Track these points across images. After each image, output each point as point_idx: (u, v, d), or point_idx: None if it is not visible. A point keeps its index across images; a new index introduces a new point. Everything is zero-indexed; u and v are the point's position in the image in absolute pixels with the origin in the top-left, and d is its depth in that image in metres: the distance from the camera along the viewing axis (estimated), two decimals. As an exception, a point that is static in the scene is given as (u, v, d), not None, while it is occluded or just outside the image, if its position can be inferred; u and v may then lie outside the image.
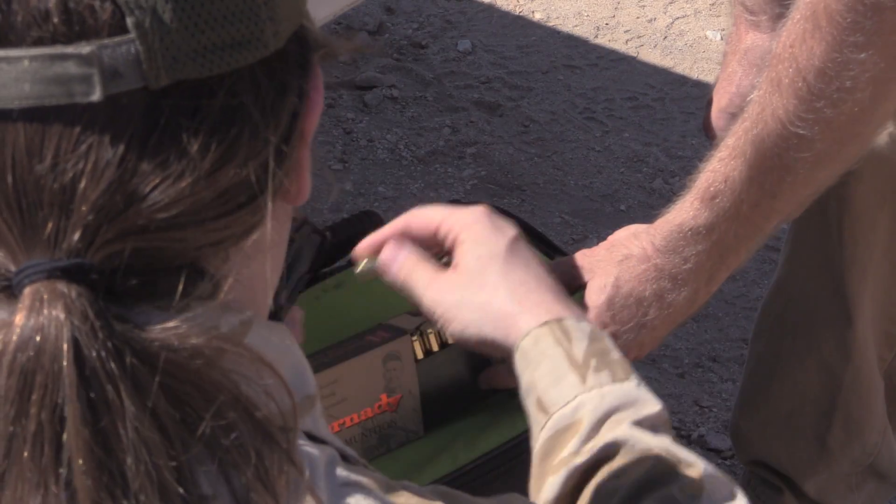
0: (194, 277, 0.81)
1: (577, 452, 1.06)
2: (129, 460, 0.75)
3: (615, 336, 1.38)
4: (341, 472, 0.86)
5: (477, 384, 1.43)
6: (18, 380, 0.76)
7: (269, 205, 0.83)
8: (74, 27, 0.77)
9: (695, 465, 1.03)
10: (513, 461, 1.38)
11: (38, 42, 0.77)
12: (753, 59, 1.60)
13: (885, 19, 1.21)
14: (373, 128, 3.04)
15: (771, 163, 1.31)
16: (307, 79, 0.86)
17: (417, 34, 3.30)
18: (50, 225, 0.77)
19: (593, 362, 1.07)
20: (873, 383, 1.93)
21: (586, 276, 1.41)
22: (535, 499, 1.07)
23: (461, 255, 1.20)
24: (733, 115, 1.42)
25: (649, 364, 2.55)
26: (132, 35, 0.78)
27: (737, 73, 1.62)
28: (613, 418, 1.06)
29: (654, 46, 3.31)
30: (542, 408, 1.08)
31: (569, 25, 3.37)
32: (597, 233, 2.78)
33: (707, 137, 1.69)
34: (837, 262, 1.81)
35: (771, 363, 1.96)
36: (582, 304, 1.39)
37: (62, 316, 0.76)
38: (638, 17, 3.39)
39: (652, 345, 1.43)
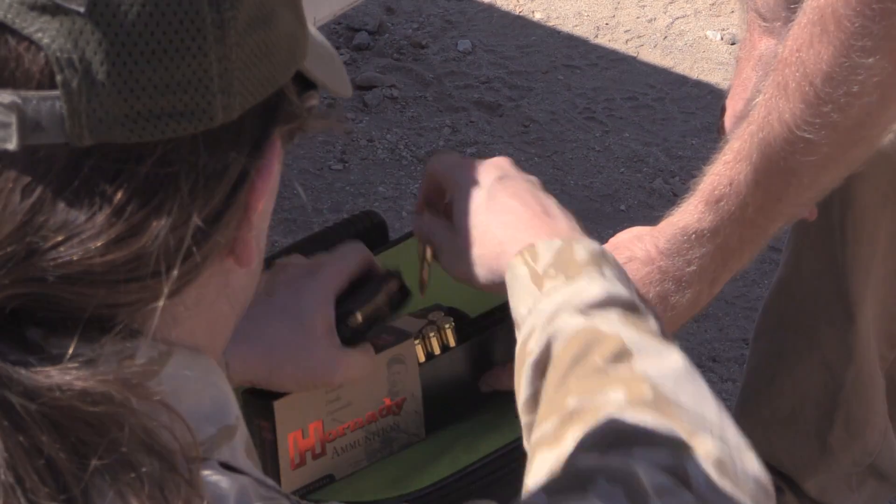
0: (99, 327, 0.79)
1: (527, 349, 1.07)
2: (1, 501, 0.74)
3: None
4: (255, 501, 0.84)
5: (478, 387, 1.43)
6: None
7: (165, 287, 0.80)
8: (1, 74, 0.76)
9: (611, 336, 1.03)
10: (513, 463, 1.38)
11: None
12: (768, 64, 1.59)
13: (894, 24, 1.21)
14: (373, 128, 3.04)
15: (777, 166, 1.31)
16: (258, 155, 0.83)
17: (417, 34, 3.30)
18: None
19: (551, 271, 1.08)
20: (875, 383, 1.93)
21: (588, 278, 1.40)
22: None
23: (454, 215, 1.20)
24: None
25: (649, 364, 2.54)
26: (58, 92, 0.76)
27: (751, 79, 1.61)
28: (557, 315, 1.07)
29: (654, 46, 3.31)
30: (517, 324, 1.10)
31: (569, 25, 3.36)
32: (597, 233, 2.76)
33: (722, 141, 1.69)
34: (840, 261, 1.81)
35: (772, 362, 1.96)
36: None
37: None
38: (638, 17, 3.39)
39: (653, 345, 1.42)
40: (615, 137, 3.05)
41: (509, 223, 1.17)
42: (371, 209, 1.70)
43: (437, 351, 1.38)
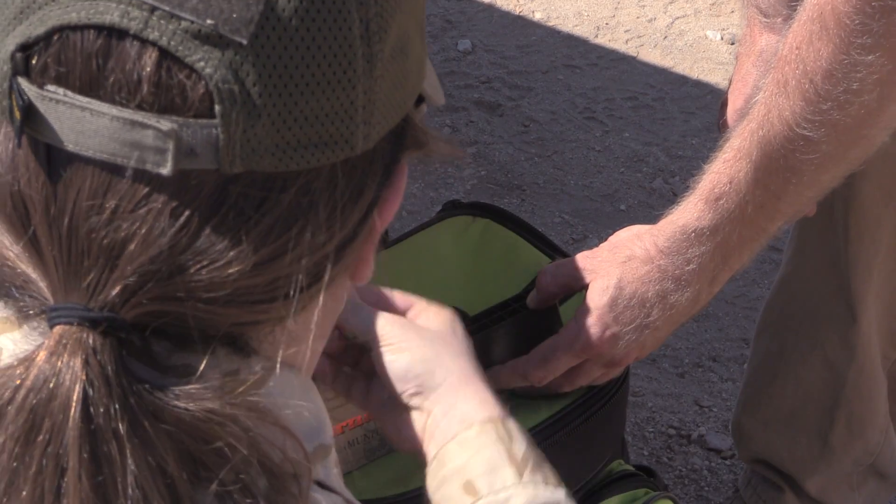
0: (228, 345, 0.81)
1: None
2: None
3: (617, 337, 1.39)
4: None
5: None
6: (27, 419, 0.76)
7: (293, 308, 0.82)
8: (161, 100, 0.77)
9: None
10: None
11: (123, 104, 0.77)
12: (768, 60, 1.59)
13: (894, 21, 1.21)
14: (372, 128, 3.04)
15: (777, 164, 1.31)
16: (388, 181, 0.85)
17: (417, 34, 3.30)
18: (92, 275, 0.78)
19: (530, 463, 1.05)
20: (877, 381, 1.93)
21: (588, 278, 1.40)
22: None
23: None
24: None
25: (649, 364, 2.55)
26: (216, 121, 0.77)
27: (751, 75, 1.61)
28: None
29: (654, 46, 3.31)
30: (471, 490, 1.05)
31: (569, 25, 3.36)
32: (597, 233, 2.78)
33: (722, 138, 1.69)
34: (842, 259, 1.81)
35: (774, 360, 1.96)
36: (584, 306, 1.39)
37: (78, 368, 0.76)
38: (638, 17, 3.39)
39: (653, 345, 1.43)
40: (615, 137, 3.05)
41: (469, 372, 1.10)
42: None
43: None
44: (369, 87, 0.81)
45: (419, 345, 1.10)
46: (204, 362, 0.79)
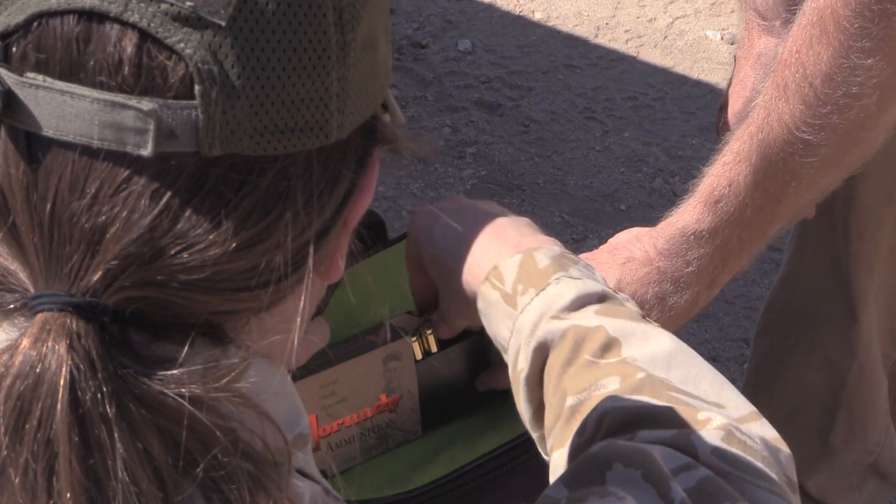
0: (204, 334, 0.81)
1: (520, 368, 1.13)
2: (119, 500, 0.76)
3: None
4: None
5: (475, 385, 1.43)
6: (15, 406, 0.77)
7: (305, 290, 0.83)
8: (142, 81, 0.77)
9: (595, 330, 1.09)
10: (512, 462, 1.38)
11: (104, 86, 0.77)
12: (766, 63, 1.60)
13: (893, 25, 1.21)
14: (372, 127, 3.03)
15: (776, 168, 1.31)
16: (362, 172, 0.86)
17: (417, 34, 3.30)
18: (74, 260, 0.78)
19: (520, 287, 1.13)
20: (877, 381, 1.93)
21: (588, 279, 1.40)
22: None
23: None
24: None
25: (650, 364, 2.54)
26: (196, 102, 0.78)
27: (750, 77, 1.61)
28: (538, 326, 1.12)
29: (654, 46, 3.31)
30: (503, 349, 1.14)
31: (569, 25, 3.36)
32: (597, 232, 2.78)
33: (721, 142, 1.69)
34: (843, 258, 1.81)
35: (774, 360, 1.96)
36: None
37: (63, 352, 0.76)
38: (638, 17, 3.39)
39: (653, 346, 1.43)
40: (615, 137, 3.05)
41: (464, 257, 1.20)
42: (370, 208, 1.70)
43: (434, 349, 1.38)
44: (342, 74, 0.82)
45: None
46: (185, 351, 0.80)
